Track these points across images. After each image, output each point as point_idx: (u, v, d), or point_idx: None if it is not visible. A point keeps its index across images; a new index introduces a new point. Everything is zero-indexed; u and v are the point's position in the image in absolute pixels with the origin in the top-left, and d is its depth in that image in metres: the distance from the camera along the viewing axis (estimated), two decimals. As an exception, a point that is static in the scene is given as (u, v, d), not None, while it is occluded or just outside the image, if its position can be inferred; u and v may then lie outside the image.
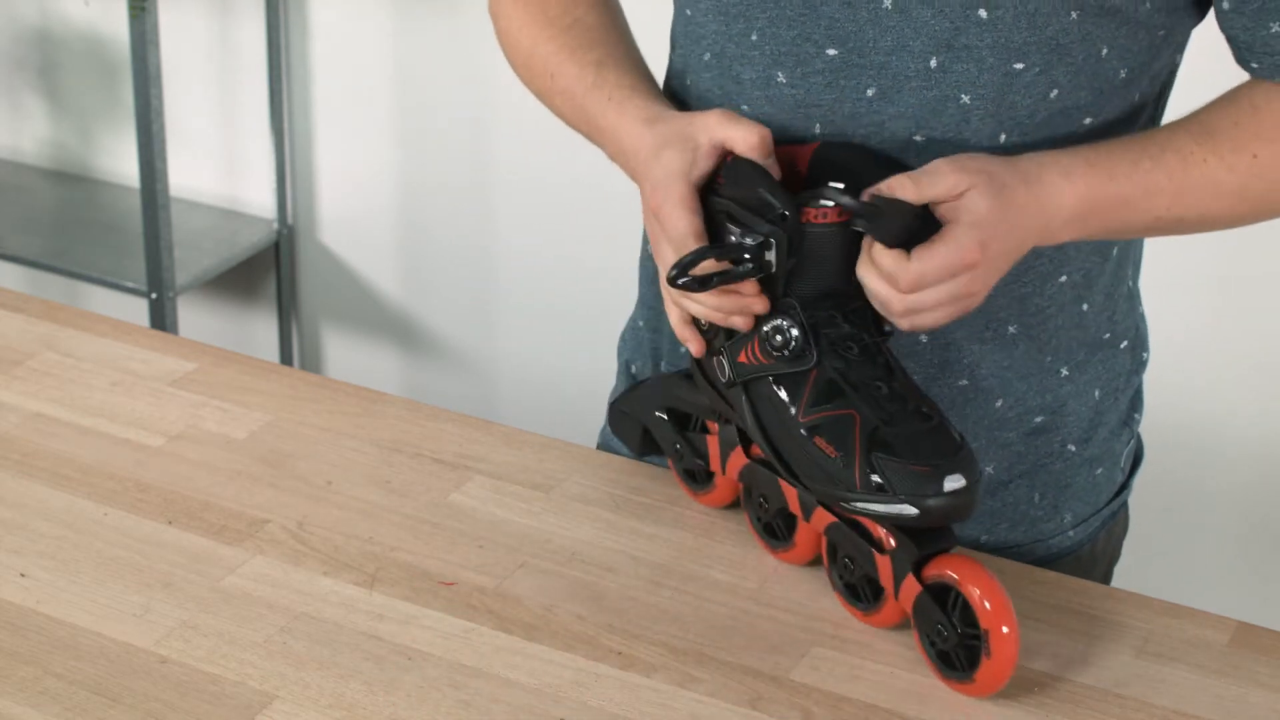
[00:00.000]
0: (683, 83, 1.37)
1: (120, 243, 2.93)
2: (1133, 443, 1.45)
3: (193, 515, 1.37)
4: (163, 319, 2.78)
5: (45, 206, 3.09)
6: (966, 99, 1.24)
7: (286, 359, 3.11)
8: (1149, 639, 1.26)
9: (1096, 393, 1.38)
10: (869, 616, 1.26)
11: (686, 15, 1.35)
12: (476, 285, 2.94)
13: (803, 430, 1.22)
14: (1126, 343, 1.40)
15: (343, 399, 1.53)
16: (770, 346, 1.23)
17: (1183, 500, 2.53)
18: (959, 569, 1.19)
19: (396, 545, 1.34)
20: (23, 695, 1.18)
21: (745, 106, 1.30)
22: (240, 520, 1.37)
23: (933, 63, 1.23)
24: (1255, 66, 1.25)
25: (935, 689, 1.21)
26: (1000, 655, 1.17)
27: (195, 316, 3.14)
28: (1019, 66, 1.23)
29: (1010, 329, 1.33)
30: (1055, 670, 1.23)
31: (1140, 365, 1.43)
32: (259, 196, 3.02)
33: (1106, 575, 1.48)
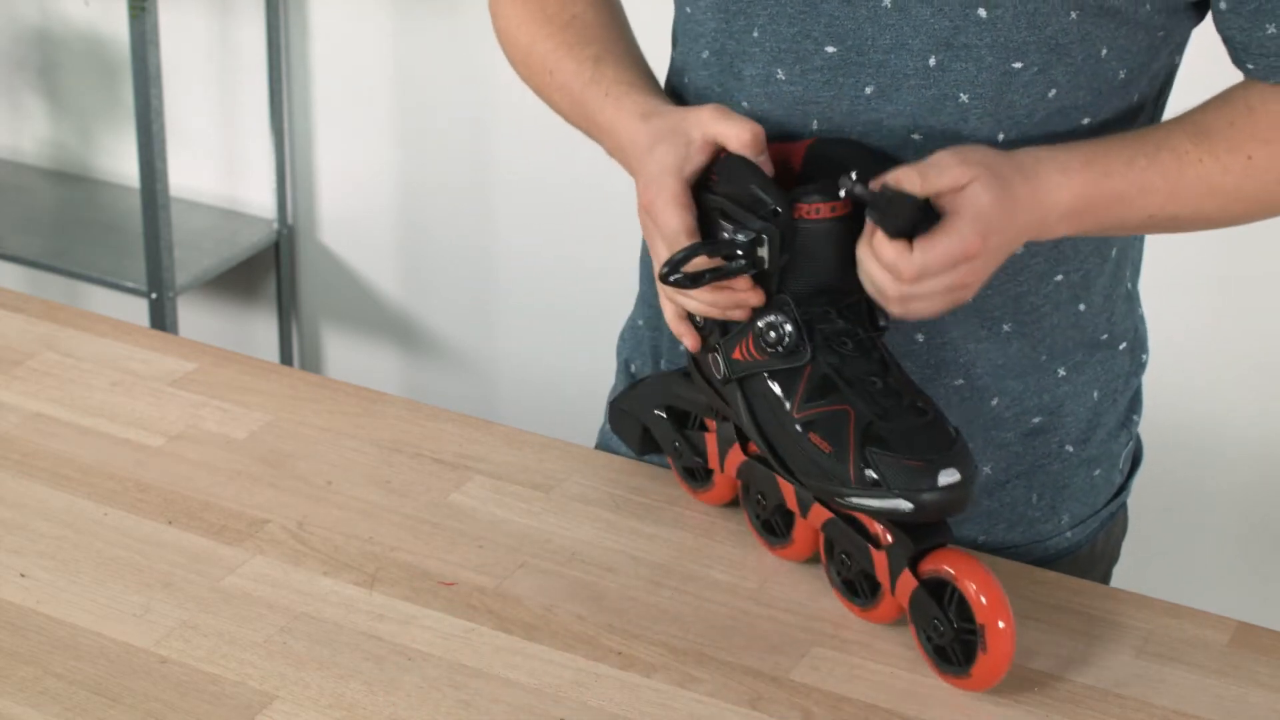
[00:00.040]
0: (682, 80, 1.37)
1: (120, 243, 2.93)
2: (1131, 444, 1.45)
3: (193, 515, 1.37)
4: (163, 319, 2.78)
5: (45, 206, 3.09)
6: (965, 98, 1.24)
7: (286, 359, 3.11)
8: (1149, 639, 1.26)
9: (1095, 394, 1.38)
10: (866, 612, 1.26)
11: (686, 13, 1.35)
12: (476, 285, 2.94)
13: (798, 426, 1.22)
14: (1125, 344, 1.40)
15: (343, 399, 1.53)
16: (764, 343, 1.23)
17: (1183, 500, 2.53)
18: (955, 564, 1.19)
19: (396, 545, 1.34)
20: (23, 695, 1.18)
21: (745, 103, 1.30)
22: (240, 520, 1.37)
23: (931, 61, 1.24)
24: (1251, 68, 1.25)
25: (935, 689, 1.21)
26: (996, 650, 1.17)
27: (195, 316, 3.14)
28: (1018, 66, 1.23)
29: (1005, 327, 1.33)
30: (1055, 670, 1.23)
31: (1139, 367, 1.43)
32: (259, 196, 3.02)
33: (1105, 577, 1.48)
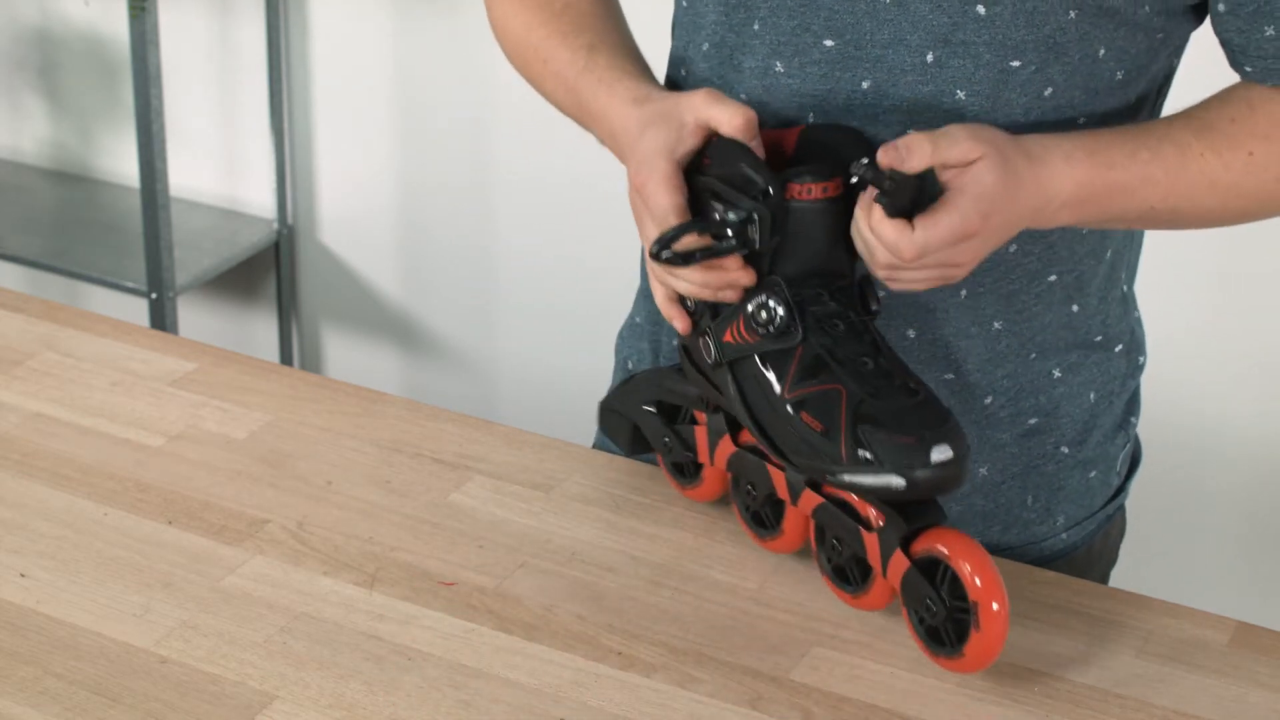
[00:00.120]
0: (680, 72, 1.37)
1: (120, 243, 2.93)
2: (1129, 446, 1.45)
3: (193, 515, 1.37)
4: (163, 319, 2.78)
5: (45, 206, 3.09)
6: (962, 95, 1.24)
7: (286, 359, 3.11)
8: (1149, 639, 1.26)
9: (1091, 395, 1.38)
10: (857, 599, 1.26)
11: (685, 5, 1.35)
12: (476, 285, 2.94)
13: (788, 406, 1.21)
14: (1121, 346, 1.40)
15: (343, 399, 1.53)
16: (755, 324, 1.23)
17: (1182, 501, 2.53)
18: (948, 542, 1.18)
19: (396, 545, 1.34)
20: (23, 695, 1.18)
21: (743, 95, 1.30)
22: (240, 520, 1.37)
23: (929, 57, 1.24)
24: (1249, 70, 1.25)
25: (935, 689, 1.21)
26: (990, 629, 1.16)
27: (195, 316, 3.14)
28: (1015, 64, 1.23)
29: (996, 325, 1.33)
30: (1055, 670, 1.23)
31: (1136, 369, 1.43)
32: (259, 196, 3.03)
33: (1103, 579, 1.48)
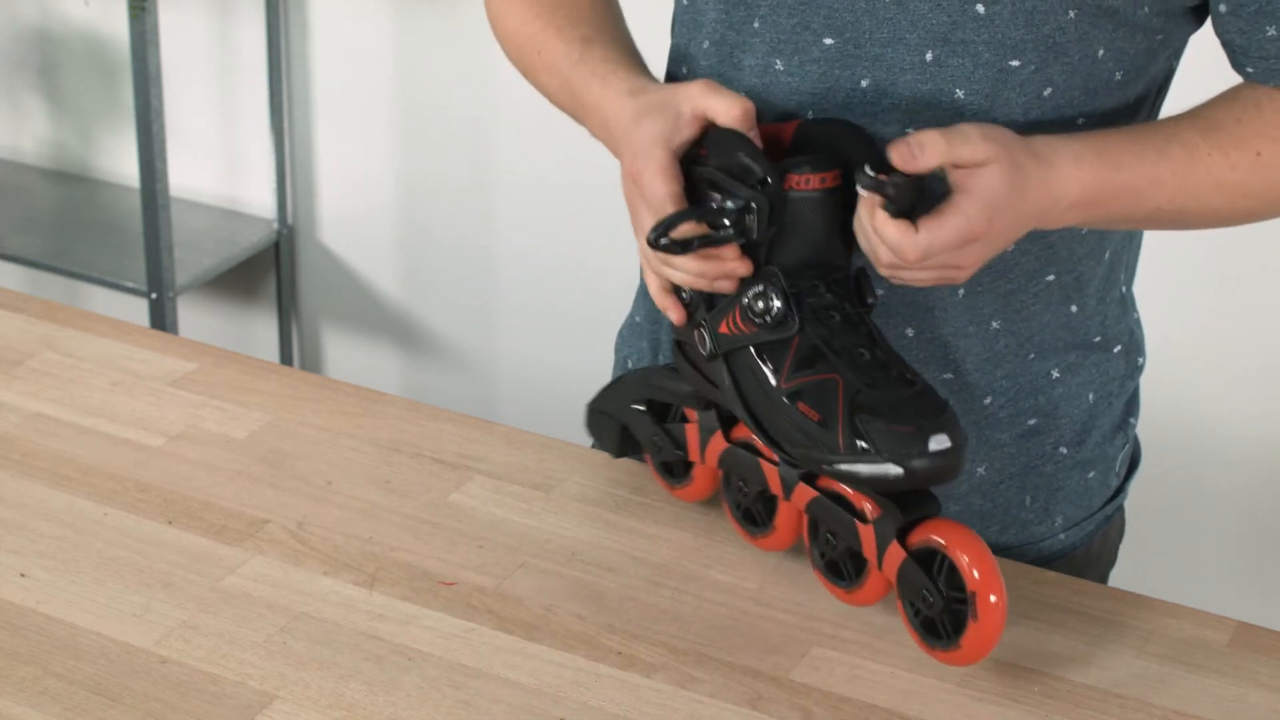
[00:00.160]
0: (680, 69, 1.37)
1: (120, 243, 2.93)
2: (1128, 447, 1.45)
3: (193, 515, 1.37)
4: (163, 319, 2.78)
5: (45, 206, 3.09)
6: (960, 94, 1.24)
7: (286, 359, 3.11)
8: (1149, 639, 1.26)
9: (1090, 396, 1.38)
10: (851, 594, 1.25)
11: (684, 3, 1.35)
12: (476, 285, 2.94)
13: (784, 397, 1.21)
14: (1120, 347, 1.40)
15: (343, 399, 1.53)
16: (752, 314, 1.22)
17: (1182, 501, 2.53)
18: (945, 533, 1.18)
19: (396, 545, 1.34)
20: (23, 695, 1.18)
21: (743, 93, 1.30)
22: (240, 520, 1.37)
23: (928, 56, 1.24)
24: (1250, 71, 1.25)
25: (935, 689, 1.21)
26: (988, 620, 1.16)
27: (195, 316, 3.14)
28: (1014, 64, 1.23)
29: (994, 324, 1.33)
30: (1055, 670, 1.23)
31: (1135, 370, 1.43)
32: (259, 196, 3.03)
33: (1102, 580, 1.47)
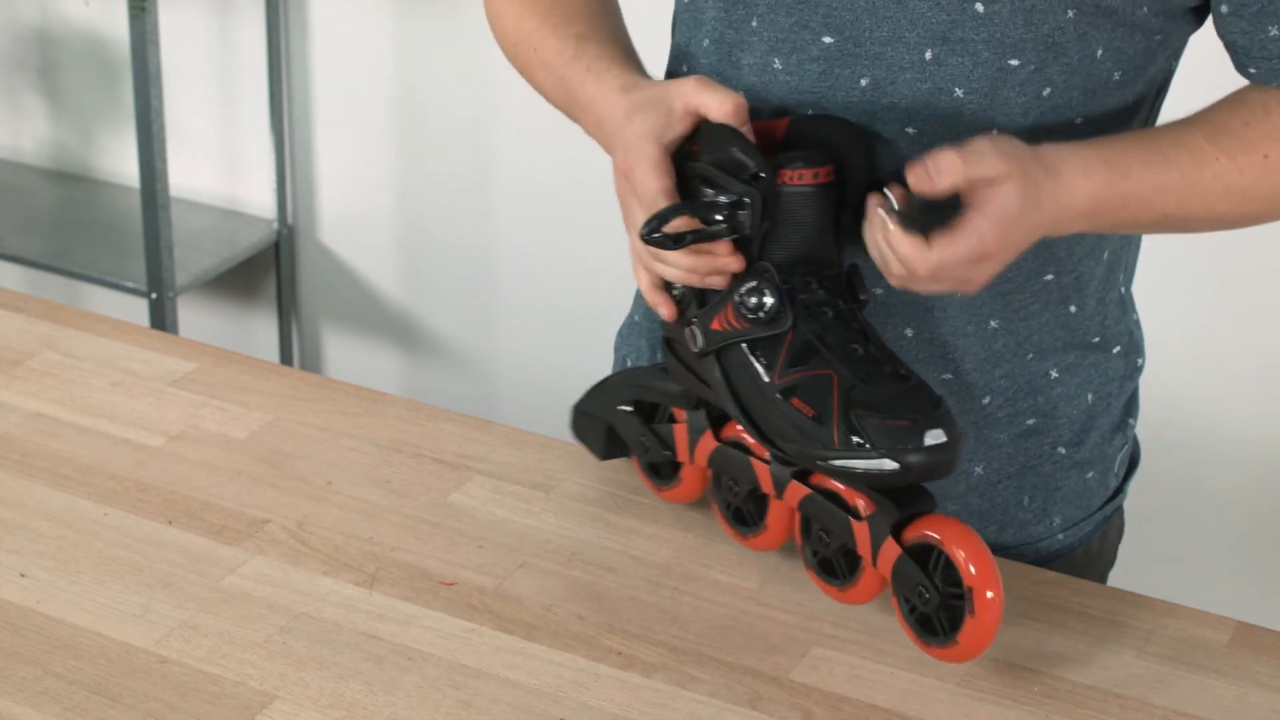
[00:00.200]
0: (680, 67, 1.37)
1: (120, 243, 2.93)
2: (1127, 448, 1.45)
3: (193, 515, 1.37)
4: (163, 319, 2.78)
5: (45, 206, 3.09)
6: (960, 93, 1.24)
7: (286, 359, 3.11)
8: (1149, 639, 1.26)
9: (1089, 396, 1.38)
10: (844, 592, 1.25)
11: (684, 1, 1.35)
12: (476, 285, 2.94)
13: (778, 393, 1.21)
14: (1119, 348, 1.40)
15: (343, 399, 1.53)
16: (745, 309, 1.22)
17: (1182, 501, 2.53)
18: (941, 529, 1.18)
19: (396, 545, 1.34)
20: (23, 695, 1.18)
21: (742, 92, 1.30)
22: (240, 520, 1.37)
23: (928, 55, 1.24)
24: (1253, 72, 1.25)
25: (935, 689, 1.21)
26: (985, 615, 1.15)
27: (195, 316, 3.14)
28: (1014, 63, 1.23)
29: (992, 323, 1.33)
30: (1055, 670, 1.23)
31: (1134, 371, 1.43)
32: (259, 196, 3.02)
33: (1101, 581, 1.47)
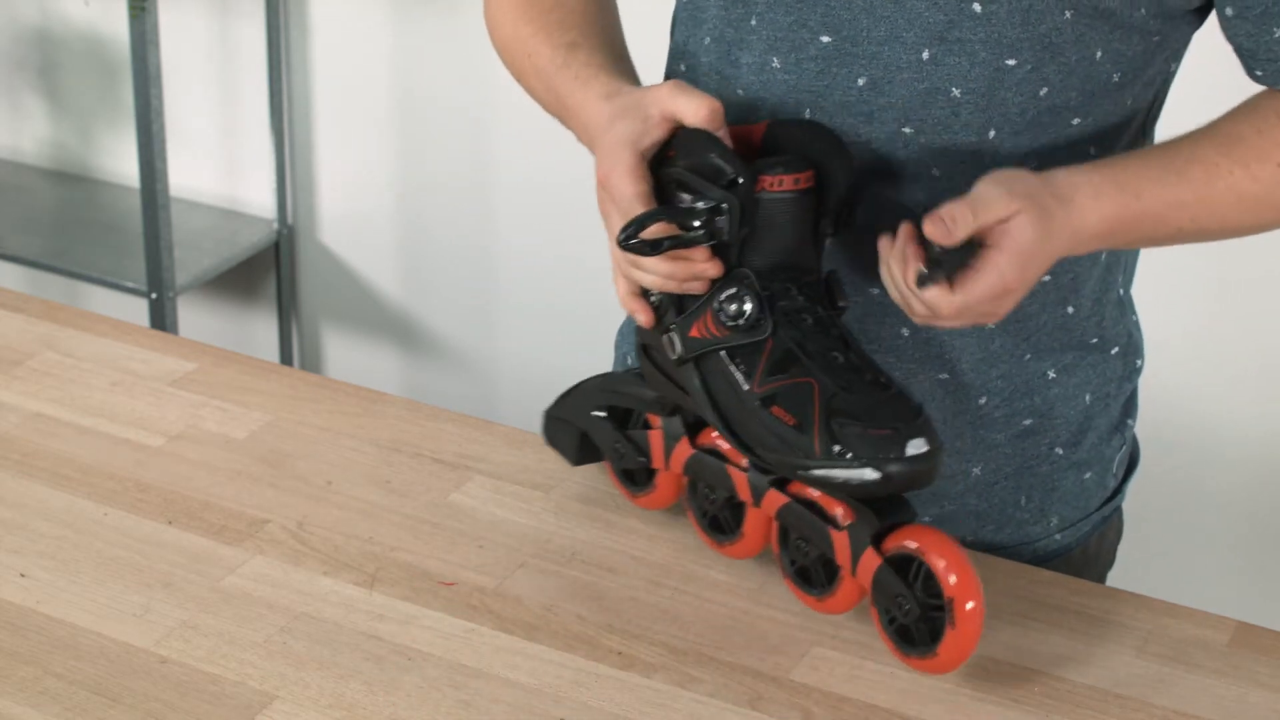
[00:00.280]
0: (679, 66, 1.37)
1: (120, 243, 2.93)
2: (1126, 449, 1.45)
3: (193, 515, 1.37)
4: (163, 319, 2.78)
5: (45, 206, 3.09)
6: (957, 92, 1.24)
7: (286, 359, 3.11)
8: (1149, 639, 1.27)
9: (1087, 397, 1.38)
10: (822, 602, 1.25)
11: (683, 0, 1.35)
12: (476, 285, 2.94)
13: (758, 401, 1.20)
14: (1117, 349, 1.40)
15: (343, 399, 1.53)
16: (724, 317, 1.22)
17: (1182, 501, 2.53)
18: (922, 539, 1.18)
19: (396, 545, 1.34)
20: (23, 695, 1.18)
21: (740, 91, 1.30)
22: (240, 520, 1.37)
23: (925, 55, 1.24)
24: (1260, 74, 1.25)
25: (935, 689, 1.21)
26: (965, 627, 1.15)
27: (195, 316, 3.14)
28: (1011, 63, 1.23)
29: (989, 323, 1.33)
30: (1055, 670, 1.23)
31: (1133, 372, 1.43)
32: (259, 196, 3.02)
33: (1099, 582, 1.47)
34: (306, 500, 1.39)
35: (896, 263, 1.19)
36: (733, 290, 1.21)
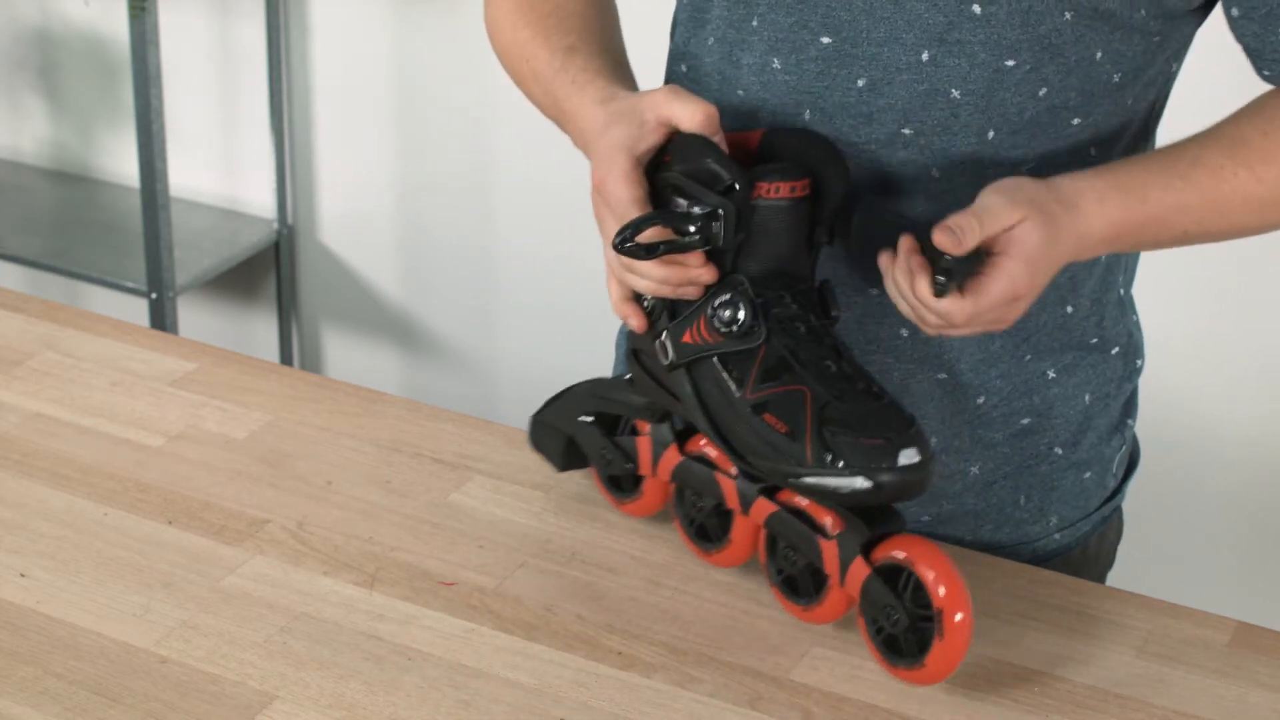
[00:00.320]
0: (680, 67, 1.37)
1: (120, 243, 2.93)
2: (1125, 449, 1.45)
3: (193, 515, 1.37)
4: (163, 319, 2.78)
5: (45, 206, 3.09)
6: (956, 94, 1.24)
7: (286, 359, 3.11)
8: (1149, 639, 1.27)
9: (1086, 397, 1.38)
10: (809, 612, 1.25)
11: (685, 1, 1.35)
12: (476, 285, 2.94)
13: (750, 407, 1.20)
14: (1117, 349, 1.40)
15: (343, 399, 1.53)
16: (718, 323, 1.21)
17: (1182, 501, 2.53)
18: (911, 549, 1.17)
19: (396, 545, 1.34)
20: (23, 695, 1.18)
21: (741, 91, 1.30)
22: (240, 520, 1.37)
23: (924, 56, 1.24)
24: (1267, 74, 1.25)
25: (935, 689, 1.21)
26: (954, 638, 1.15)
27: (195, 316, 3.14)
28: (1010, 64, 1.23)
29: (998, 330, 1.33)
30: (1055, 670, 1.23)
31: (1133, 372, 1.43)
32: (259, 196, 3.02)
33: (1099, 582, 1.47)
34: (306, 500, 1.39)
35: (903, 276, 1.19)
36: (727, 296, 1.21)
